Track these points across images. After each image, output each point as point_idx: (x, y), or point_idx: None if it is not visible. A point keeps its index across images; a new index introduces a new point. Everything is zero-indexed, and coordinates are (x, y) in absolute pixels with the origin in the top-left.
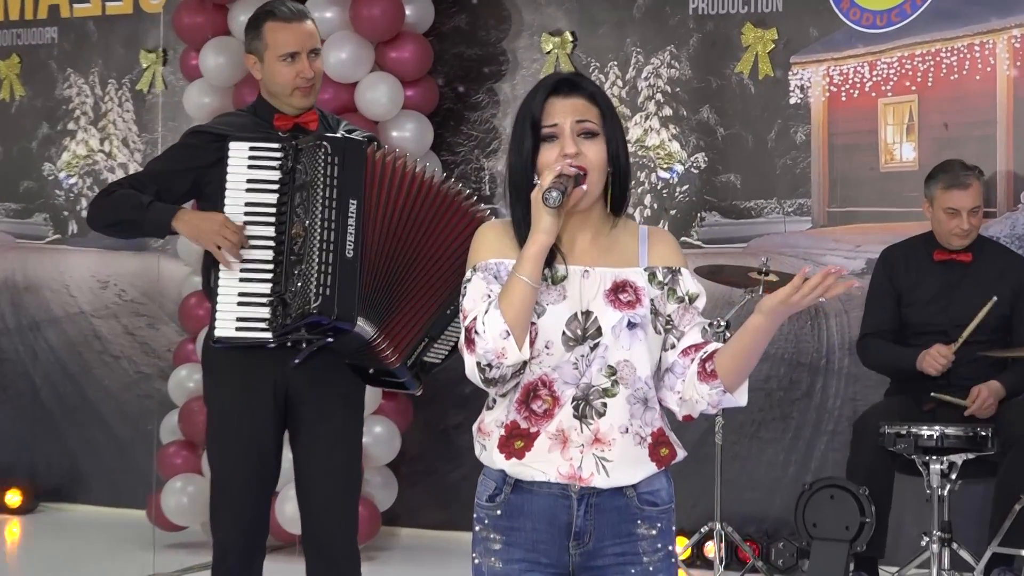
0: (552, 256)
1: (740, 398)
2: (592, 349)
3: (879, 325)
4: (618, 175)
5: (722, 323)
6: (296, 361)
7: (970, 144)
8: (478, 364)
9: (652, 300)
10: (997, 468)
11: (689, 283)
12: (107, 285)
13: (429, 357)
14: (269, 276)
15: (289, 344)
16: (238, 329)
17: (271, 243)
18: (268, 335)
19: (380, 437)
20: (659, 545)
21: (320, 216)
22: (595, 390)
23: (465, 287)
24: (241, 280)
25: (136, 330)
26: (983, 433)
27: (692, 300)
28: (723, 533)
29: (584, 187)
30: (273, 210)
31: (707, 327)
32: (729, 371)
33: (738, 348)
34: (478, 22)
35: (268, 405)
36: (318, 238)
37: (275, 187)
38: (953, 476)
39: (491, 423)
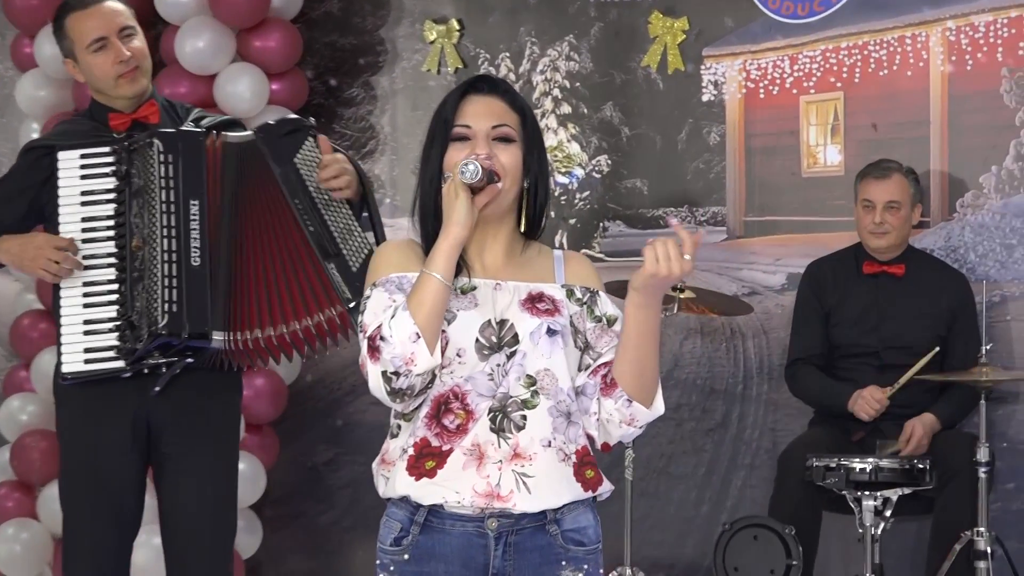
0: (459, 268)
1: (655, 407)
2: (509, 358)
3: (809, 349)
4: (534, 189)
5: None
6: (156, 389)
7: (901, 146)
8: (383, 373)
9: (571, 316)
10: (933, 504)
11: (608, 306)
12: None
13: (355, 263)
14: (115, 298)
15: (146, 371)
16: (87, 362)
17: (113, 260)
18: (121, 364)
19: (243, 475)
20: None
21: (159, 223)
22: (513, 401)
23: (364, 304)
24: (85, 306)
25: None
26: (920, 466)
27: (611, 323)
28: None
29: (500, 184)
30: (112, 223)
31: None
32: (626, 374)
33: (627, 345)
34: (352, 8)
35: (127, 439)
36: (159, 248)
37: (111, 196)
38: (887, 513)
39: (396, 451)
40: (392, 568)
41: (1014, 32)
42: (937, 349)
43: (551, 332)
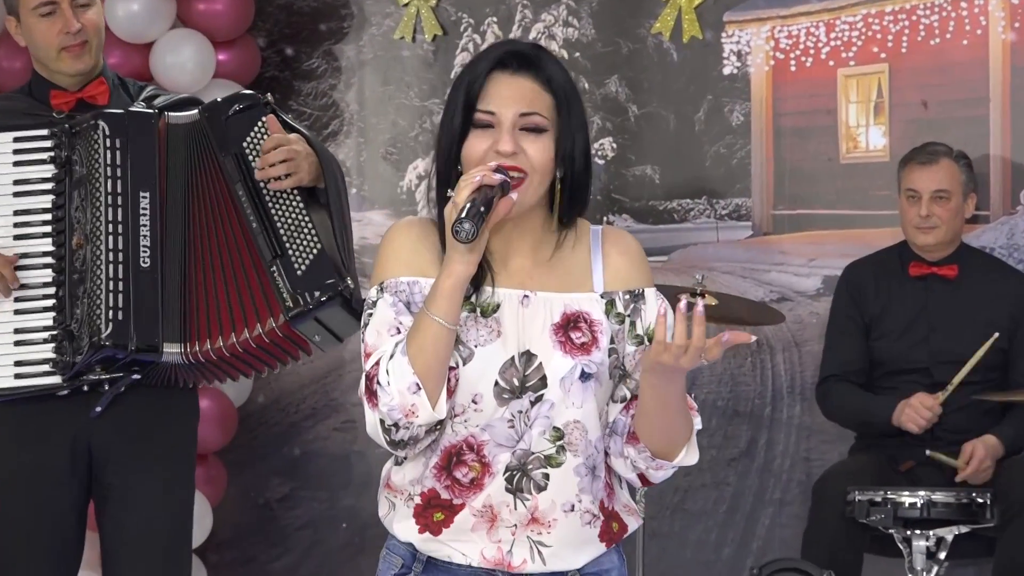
0: (481, 275)
1: (688, 457)
2: (533, 404)
3: (845, 365)
4: (570, 180)
5: None
6: (97, 409)
7: (956, 128)
8: (382, 423)
9: (611, 338)
10: (994, 545)
11: (652, 314)
12: None
13: (300, 265)
14: (51, 304)
15: (86, 388)
16: (18, 376)
17: (49, 260)
18: (58, 379)
19: None
20: None
21: (104, 218)
22: (535, 458)
23: (369, 311)
24: (16, 312)
25: None
26: (980, 500)
27: (653, 340)
28: None
29: (513, 196)
30: (49, 217)
31: None
32: (647, 434)
33: (644, 410)
34: None
35: (64, 466)
36: (103, 247)
37: (49, 186)
38: (942, 555)
39: (401, 482)
40: None
41: None
42: (996, 336)
43: (585, 376)
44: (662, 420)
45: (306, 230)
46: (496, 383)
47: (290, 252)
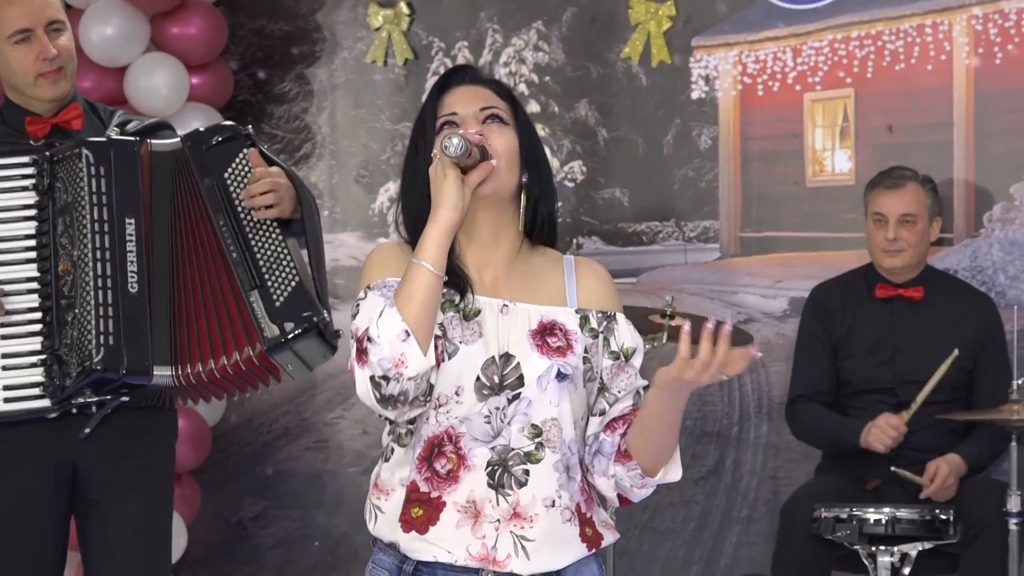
0: (463, 287)
1: (670, 474)
2: (510, 402)
3: (813, 386)
4: (537, 188)
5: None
6: (86, 431)
7: (920, 152)
8: (372, 379)
9: (586, 347)
10: (957, 561)
11: (625, 334)
12: None
13: (279, 297)
14: (38, 328)
15: (75, 411)
16: (7, 401)
17: (35, 286)
18: (47, 403)
19: None
20: None
21: (91, 245)
22: (516, 454)
23: (357, 307)
24: (3, 338)
25: None
26: (943, 517)
27: (628, 356)
28: None
29: (493, 162)
30: (33, 243)
31: (642, 390)
32: (641, 451)
33: (645, 427)
34: None
35: (47, 487)
36: (91, 273)
37: (32, 213)
38: (906, 571)
39: (389, 479)
40: None
41: None
42: (956, 353)
43: (561, 376)
44: (658, 436)
45: (284, 262)
46: (477, 378)
47: (268, 283)
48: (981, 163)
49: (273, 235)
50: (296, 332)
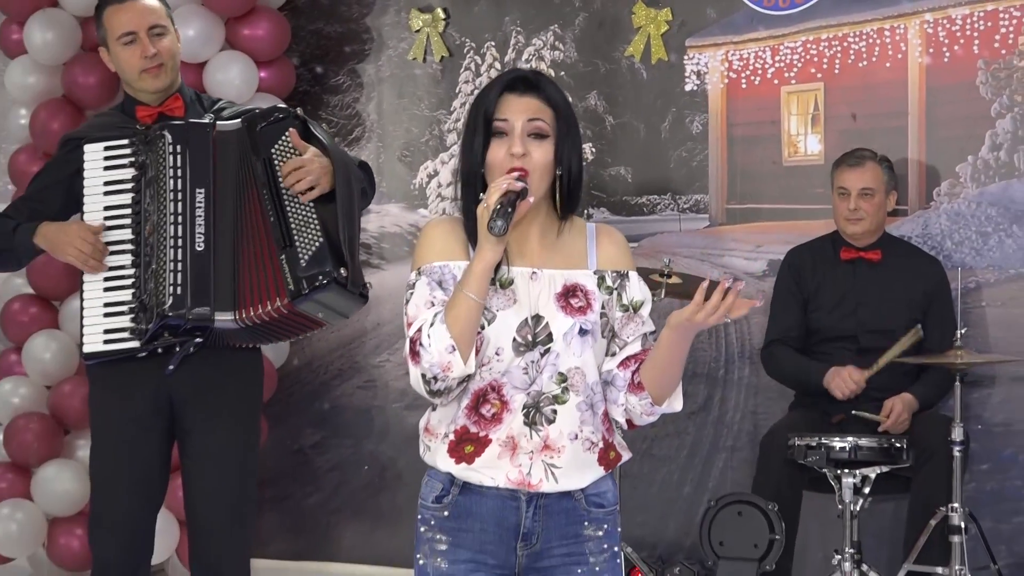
0: (501, 262)
1: (674, 404)
2: (543, 355)
3: (785, 332)
4: (567, 179)
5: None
6: (170, 368)
7: (880, 136)
8: (423, 376)
9: (603, 304)
10: (909, 483)
11: (635, 290)
12: None
13: (304, 256)
14: (131, 282)
15: (160, 351)
16: (106, 342)
17: (130, 246)
18: (136, 344)
19: None
20: (605, 546)
21: (169, 211)
22: (545, 397)
23: (410, 290)
24: (105, 290)
25: None
26: (897, 445)
27: (636, 308)
28: (622, 554)
29: (531, 199)
30: (129, 211)
31: (648, 335)
32: (653, 383)
33: (657, 362)
34: None
35: (149, 414)
36: (168, 234)
37: (130, 186)
38: (866, 491)
39: (438, 424)
40: (432, 522)
41: (990, 25)
42: (919, 329)
43: (582, 332)
44: (667, 370)
45: (312, 226)
46: (514, 339)
47: (297, 244)
48: (931, 146)
49: (306, 204)
50: (314, 286)
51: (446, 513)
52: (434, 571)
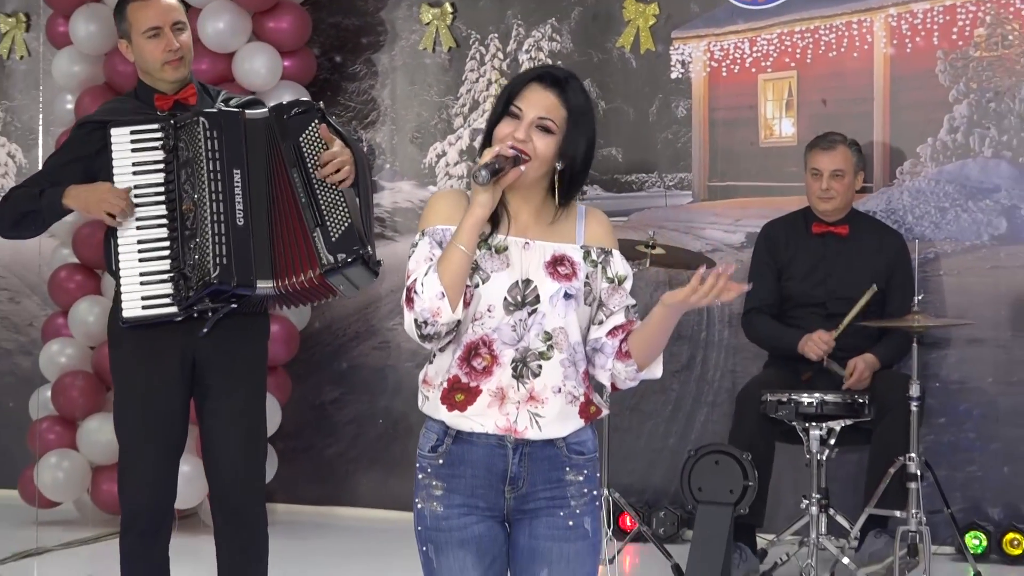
0: (497, 223)
1: (654, 371)
2: (530, 315)
3: (763, 300)
4: (569, 173)
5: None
6: (205, 330)
7: (848, 120)
8: (415, 320)
9: (587, 275)
10: (871, 436)
11: (619, 265)
12: None
13: (335, 234)
14: (167, 253)
15: (195, 315)
16: (145, 308)
17: (164, 221)
18: (174, 309)
19: None
20: (585, 490)
21: (208, 189)
22: (532, 353)
23: (413, 248)
24: (140, 260)
25: None
26: (860, 400)
27: (620, 282)
28: (611, 500)
29: (522, 168)
30: (161, 189)
31: (631, 307)
32: (640, 352)
33: (646, 334)
34: None
35: (175, 372)
36: (208, 211)
37: (160, 166)
38: (832, 442)
39: (434, 375)
40: (429, 470)
41: (948, 19)
42: (874, 288)
43: (567, 296)
44: (655, 340)
45: (340, 207)
46: (505, 298)
47: (327, 223)
48: (895, 129)
49: (333, 187)
50: (346, 261)
51: (441, 461)
52: (431, 514)
